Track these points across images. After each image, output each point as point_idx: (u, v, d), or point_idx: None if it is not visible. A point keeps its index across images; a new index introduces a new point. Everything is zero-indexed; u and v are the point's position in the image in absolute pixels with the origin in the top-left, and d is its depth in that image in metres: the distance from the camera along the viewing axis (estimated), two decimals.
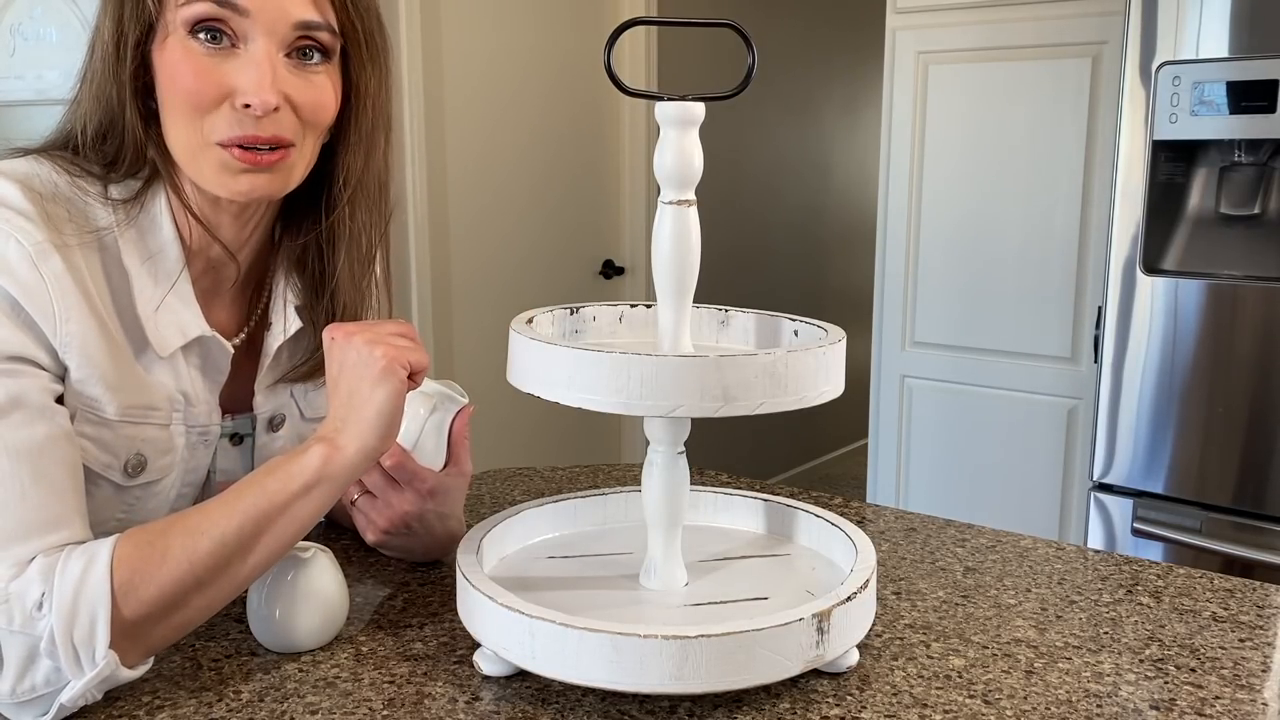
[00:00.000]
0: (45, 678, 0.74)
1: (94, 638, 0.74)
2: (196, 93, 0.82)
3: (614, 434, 3.46)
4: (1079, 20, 2.26)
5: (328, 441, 0.82)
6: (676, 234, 0.81)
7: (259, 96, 0.81)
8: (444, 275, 2.79)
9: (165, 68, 0.83)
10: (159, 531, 0.78)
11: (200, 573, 0.77)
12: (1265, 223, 1.92)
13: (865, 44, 4.20)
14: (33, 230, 0.81)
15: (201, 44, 0.82)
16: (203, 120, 0.83)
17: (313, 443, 0.82)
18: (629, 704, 0.78)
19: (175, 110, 0.84)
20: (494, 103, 2.87)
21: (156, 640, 0.78)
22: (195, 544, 0.77)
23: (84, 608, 0.74)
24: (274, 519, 0.80)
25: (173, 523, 0.79)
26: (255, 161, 0.84)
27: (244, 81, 0.82)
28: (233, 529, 0.78)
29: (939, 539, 1.13)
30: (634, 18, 0.82)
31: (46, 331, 0.81)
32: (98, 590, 0.74)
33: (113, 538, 0.77)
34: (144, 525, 0.79)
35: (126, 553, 0.76)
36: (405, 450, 0.97)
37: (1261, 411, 1.86)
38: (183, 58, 0.82)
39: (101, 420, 0.86)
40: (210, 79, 0.82)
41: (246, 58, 0.82)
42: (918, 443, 2.60)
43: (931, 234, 2.51)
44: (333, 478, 0.81)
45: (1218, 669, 0.85)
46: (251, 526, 0.79)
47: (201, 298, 0.92)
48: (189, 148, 0.85)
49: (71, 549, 0.76)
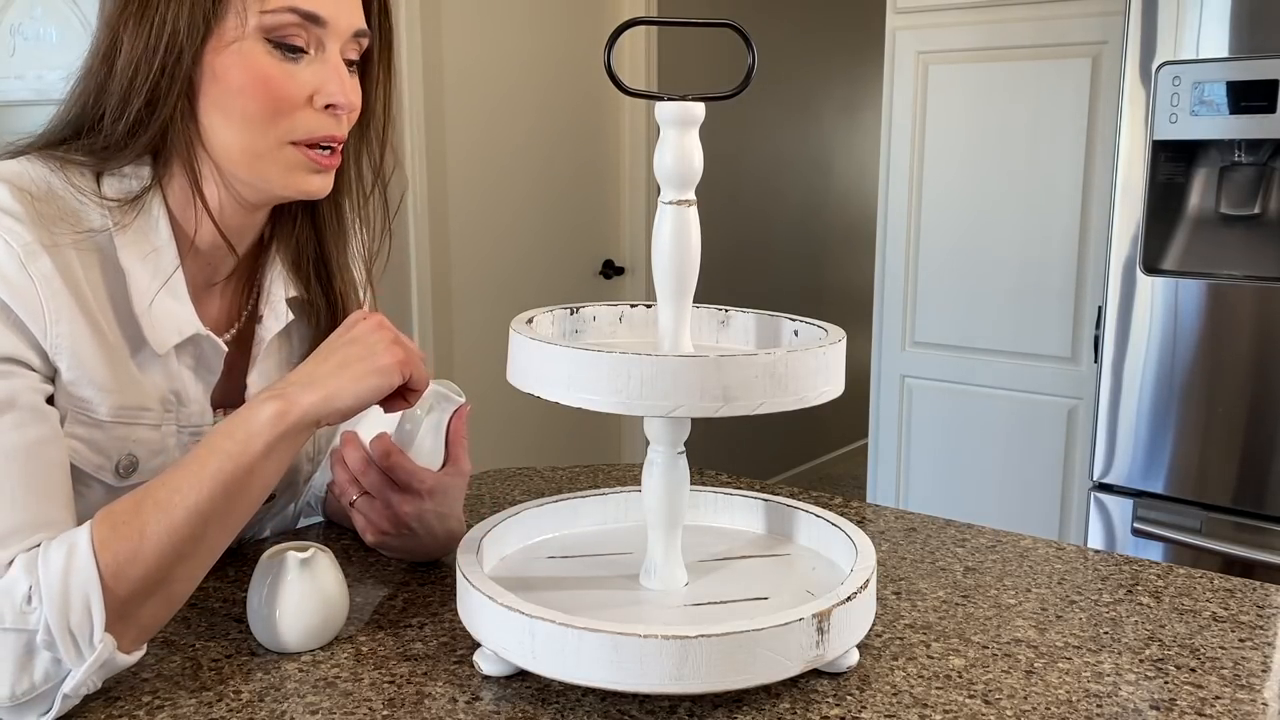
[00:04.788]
0: (44, 673, 0.73)
1: (90, 621, 0.74)
2: (280, 96, 0.86)
3: (614, 434, 3.46)
4: (1079, 20, 2.26)
5: (284, 399, 0.81)
6: (676, 234, 0.81)
7: (345, 98, 0.88)
8: (444, 275, 2.79)
9: (231, 72, 0.85)
10: (131, 510, 0.77)
11: (180, 545, 0.77)
12: (1265, 223, 1.92)
13: (865, 44, 4.20)
14: (21, 231, 0.81)
15: (281, 52, 0.86)
16: (276, 123, 0.86)
17: (267, 399, 0.81)
18: (629, 704, 0.78)
19: (241, 113, 0.86)
20: (494, 102, 2.87)
21: (147, 619, 0.78)
22: (170, 518, 0.77)
23: (76, 593, 0.73)
24: (243, 481, 0.79)
25: (142, 499, 0.78)
26: (326, 164, 0.90)
27: (329, 85, 0.88)
28: (205, 499, 0.78)
29: (939, 539, 1.13)
30: (634, 18, 0.82)
31: (36, 333, 0.81)
32: (86, 573, 0.74)
33: (86, 524, 0.77)
34: (110, 507, 0.78)
35: (105, 535, 0.75)
36: (403, 450, 0.97)
37: (1261, 411, 1.86)
38: (263, 63, 0.85)
39: (93, 421, 0.86)
40: (291, 83, 0.86)
41: (322, 63, 0.88)
42: (918, 443, 2.60)
43: (931, 234, 2.51)
44: (290, 434, 0.81)
45: (1218, 669, 0.85)
46: (222, 492, 0.79)
47: (194, 294, 0.92)
48: (252, 150, 0.87)
49: (48, 542, 0.76)
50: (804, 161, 4.16)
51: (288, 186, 0.89)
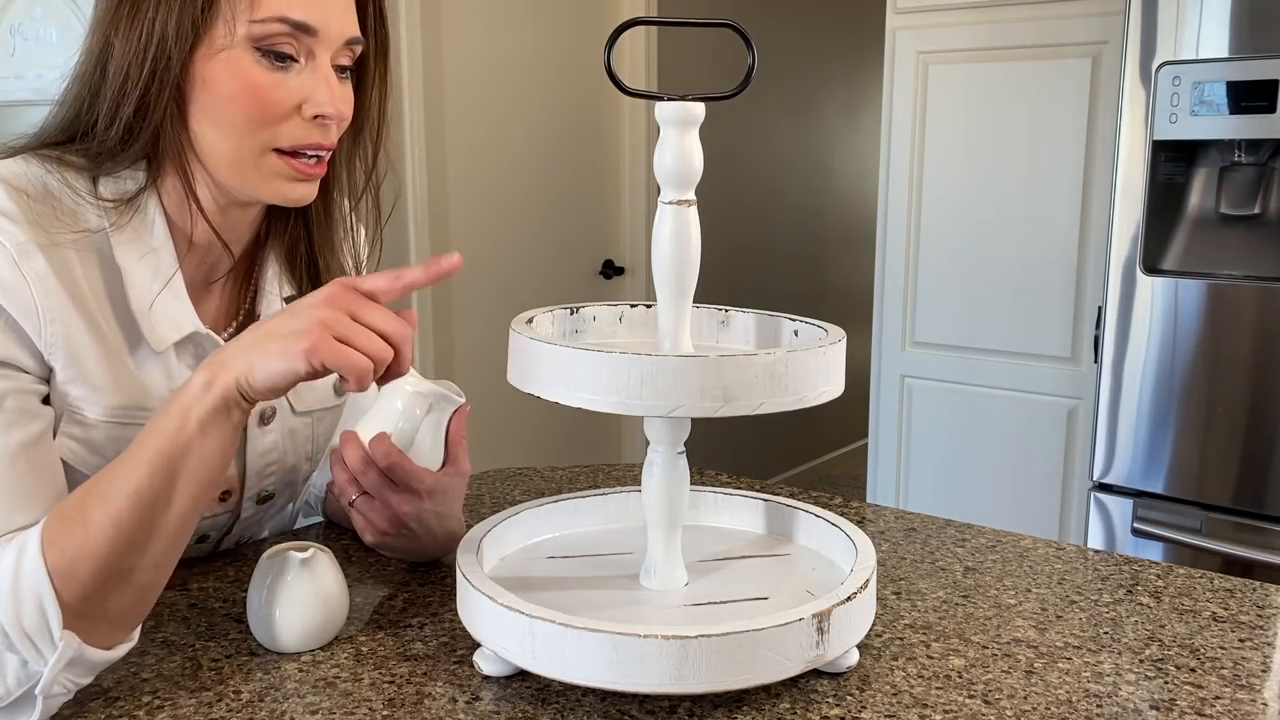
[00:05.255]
0: (15, 676, 0.73)
1: (45, 621, 0.73)
2: (267, 105, 0.85)
3: (614, 434, 3.45)
4: (1079, 20, 2.26)
5: (210, 368, 0.76)
6: (676, 234, 0.81)
7: (334, 108, 0.87)
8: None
9: (220, 79, 0.84)
10: (76, 505, 0.76)
11: (128, 533, 0.75)
12: (1265, 223, 1.92)
13: (865, 44, 4.20)
14: (15, 230, 0.81)
15: (270, 60, 0.85)
16: (261, 132, 0.86)
17: (199, 371, 0.77)
18: (629, 704, 0.78)
19: (228, 120, 0.85)
20: (494, 103, 2.87)
21: (118, 611, 0.76)
22: (114, 506, 0.75)
23: (26, 593, 0.73)
24: (182, 459, 0.75)
25: (88, 491, 0.76)
26: (310, 173, 0.89)
27: (318, 95, 0.86)
28: (144, 481, 0.75)
29: (939, 539, 1.13)
30: (634, 18, 0.82)
31: (30, 333, 0.80)
32: (34, 573, 0.73)
33: (39, 523, 0.76)
34: (62, 502, 0.77)
35: (53, 532, 0.74)
36: (402, 451, 0.97)
37: (1261, 411, 1.86)
38: (252, 71, 0.84)
39: (89, 421, 0.86)
40: (279, 92, 0.85)
41: (311, 72, 0.87)
42: (918, 443, 2.60)
43: (932, 234, 2.51)
44: (221, 408, 0.76)
45: (1218, 669, 0.85)
46: (162, 473, 0.75)
47: (191, 292, 0.93)
48: (237, 157, 0.86)
49: (2, 543, 0.75)
50: (804, 161, 4.16)
51: (271, 194, 0.89)
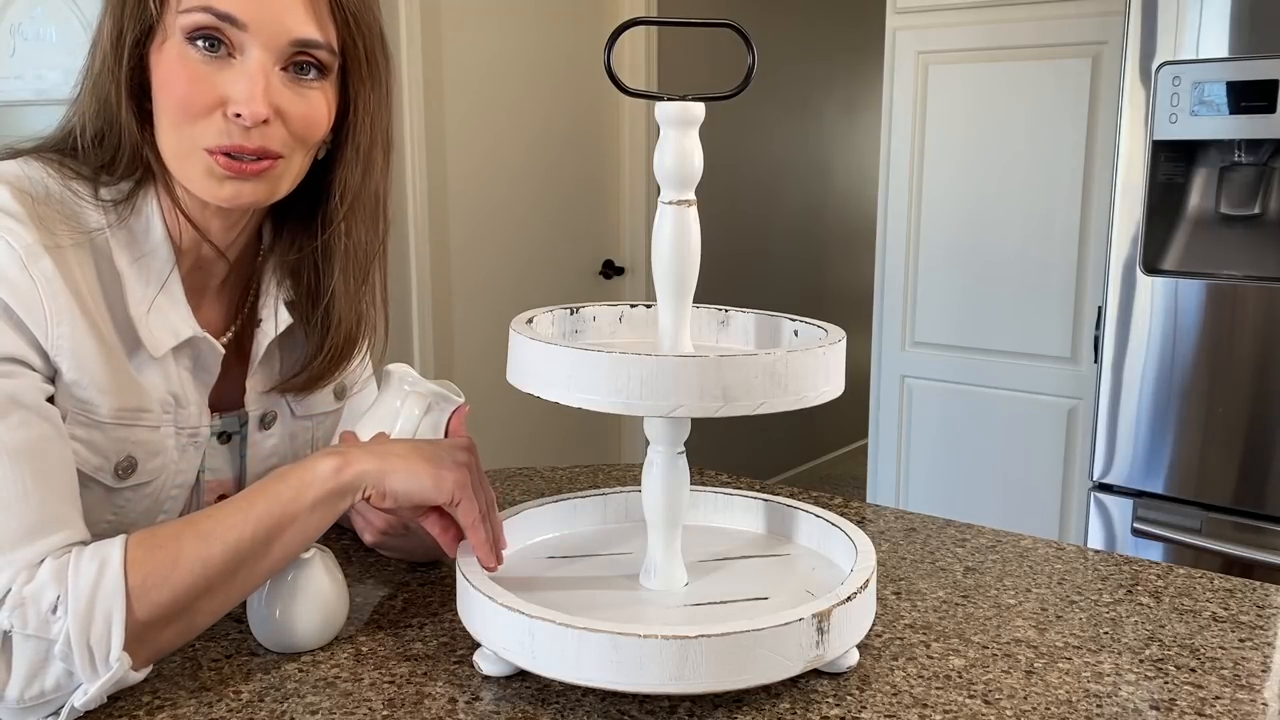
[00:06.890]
0: (56, 682, 0.74)
1: (109, 639, 0.74)
2: (189, 99, 0.83)
3: (614, 434, 3.45)
4: (1079, 20, 2.26)
5: (344, 456, 0.84)
6: (676, 234, 0.81)
7: (249, 108, 0.82)
8: (444, 275, 2.79)
9: (161, 71, 0.84)
10: (171, 535, 0.78)
11: (212, 577, 0.78)
12: (1265, 223, 1.92)
13: (865, 44, 4.20)
14: (23, 232, 0.81)
15: (199, 51, 0.82)
16: (193, 126, 0.83)
17: (329, 454, 0.84)
18: (629, 704, 0.78)
19: (167, 114, 0.84)
20: (494, 103, 2.87)
21: (164, 643, 0.78)
22: (208, 549, 0.78)
23: (100, 610, 0.74)
24: (285, 528, 0.81)
25: (185, 527, 0.79)
26: (239, 170, 0.84)
27: (236, 92, 0.82)
28: (246, 536, 0.79)
29: (939, 539, 1.13)
30: (634, 18, 0.82)
31: (37, 334, 0.81)
32: (113, 592, 0.74)
33: (120, 539, 0.77)
34: (153, 529, 0.79)
35: (139, 556, 0.76)
36: None
37: (1261, 411, 1.86)
38: (178, 63, 0.83)
39: (93, 422, 0.86)
40: (203, 86, 0.82)
41: (240, 68, 0.83)
42: (918, 443, 2.60)
43: (931, 234, 2.51)
44: (340, 492, 0.83)
45: (1218, 669, 0.85)
46: (264, 534, 0.80)
47: (189, 296, 0.92)
48: (177, 151, 0.85)
49: (80, 550, 0.76)
50: (804, 162, 4.16)
51: (206, 192, 0.85)
